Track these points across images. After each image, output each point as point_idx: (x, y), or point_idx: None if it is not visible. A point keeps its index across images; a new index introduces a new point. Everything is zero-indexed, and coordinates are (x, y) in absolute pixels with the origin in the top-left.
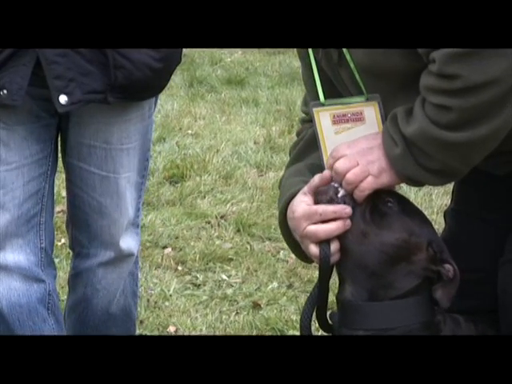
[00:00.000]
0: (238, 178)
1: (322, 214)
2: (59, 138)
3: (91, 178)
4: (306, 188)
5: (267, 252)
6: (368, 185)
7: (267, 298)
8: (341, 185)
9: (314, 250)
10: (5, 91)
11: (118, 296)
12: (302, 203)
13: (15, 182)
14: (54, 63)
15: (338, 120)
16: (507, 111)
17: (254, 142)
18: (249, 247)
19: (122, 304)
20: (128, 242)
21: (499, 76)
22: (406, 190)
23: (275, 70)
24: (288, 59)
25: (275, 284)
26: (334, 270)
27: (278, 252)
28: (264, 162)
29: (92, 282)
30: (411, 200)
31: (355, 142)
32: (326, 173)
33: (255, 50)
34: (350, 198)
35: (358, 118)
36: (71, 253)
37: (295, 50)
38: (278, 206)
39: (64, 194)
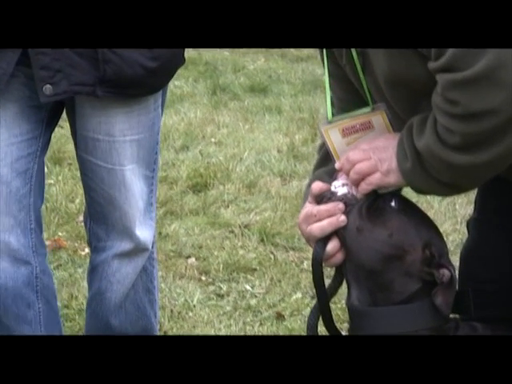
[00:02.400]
0: (261, 186)
1: (317, 213)
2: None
3: (99, 171)
4: (309, 197)
5: (291, 262)
6: (374, 180)
7: (291, 309)
8: (342, 184)
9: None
10: None
11: (128, 290)
12: (305, 209)
13: (3, 159)
14: (41, 54)
15: (347, 132)
16: (509, 139)
17: (278, 151)
18: (272, 257)
19: (132, 298)
20: (144, 235)
21: (497, 106)
22: (430, 200)
23: (298, 78)
24: (311, 66)
25: (299, 294)
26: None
27: (302, 262)
28: (287, 170)
29: (107, 274)
30: (434, 209)
31: (374, 139)
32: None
33: (278, 58)
34: (349, 197)
35: (367, 127)
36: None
37: (318, 57)
38: None
39: None
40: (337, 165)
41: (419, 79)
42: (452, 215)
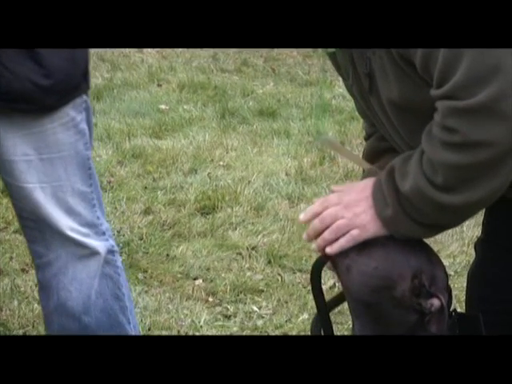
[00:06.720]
0: (269, 209)
1: None
2: None
3: (22, 192)
4: None
5: (298, 283)
6: (353, 237)
7: (298, 330)
8: None
9: None
10: None
11: (95, 298)
12: None
13: None
14: None
15: None
16: (504, 173)
17: (286, 174)
18: (280, 279)
19: (101, 306)
20: (90, 242)
21: (496, 138)
22: None
23: (307, 102)
24: (320, 91)
25: (306, 315)
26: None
27: (309, 283)
28: (295, 193)
29: (64, 284)
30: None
31: (345, 192)
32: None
33: (287, 82)
34: None
35: None
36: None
37: (327, 81)
38: None
39: None
40: (302, 217)
41: (426, 102)
42: (459, 237)
